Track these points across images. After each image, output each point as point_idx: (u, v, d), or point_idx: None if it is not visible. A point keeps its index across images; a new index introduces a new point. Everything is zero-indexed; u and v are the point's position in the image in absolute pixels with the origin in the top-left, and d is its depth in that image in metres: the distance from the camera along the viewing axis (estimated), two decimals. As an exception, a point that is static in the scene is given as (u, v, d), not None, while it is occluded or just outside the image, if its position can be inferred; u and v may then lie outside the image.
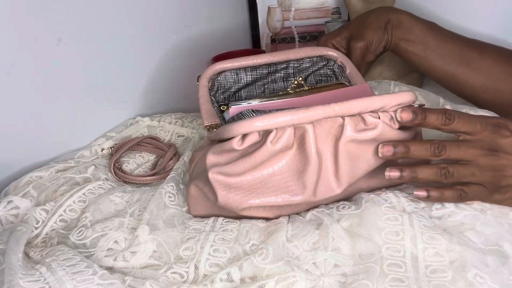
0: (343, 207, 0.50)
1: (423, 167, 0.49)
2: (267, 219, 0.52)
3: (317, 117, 0.48)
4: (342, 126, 0.49)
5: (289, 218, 0.51)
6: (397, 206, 0.49)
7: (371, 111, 0.49)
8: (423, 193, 0.49)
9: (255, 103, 0.58)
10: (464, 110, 0.63)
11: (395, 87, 0.77)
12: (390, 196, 0.51)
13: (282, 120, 0.48)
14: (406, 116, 0.49)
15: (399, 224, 0.46)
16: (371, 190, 0.53)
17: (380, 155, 0.49)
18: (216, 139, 0.52)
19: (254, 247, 0.47)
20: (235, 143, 0.49)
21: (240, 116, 0.54)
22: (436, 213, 0.48)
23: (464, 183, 0.48)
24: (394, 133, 0.50)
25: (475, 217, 0.47)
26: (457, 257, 0.43)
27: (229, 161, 0.50)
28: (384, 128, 0.49)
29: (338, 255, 0.45)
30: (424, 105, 0.51)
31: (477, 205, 0.49)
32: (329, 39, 0.72)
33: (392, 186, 0.54)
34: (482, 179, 0.48)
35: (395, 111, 0.50)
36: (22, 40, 0.61)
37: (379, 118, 0.49)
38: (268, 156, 0.49)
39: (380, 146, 0.49)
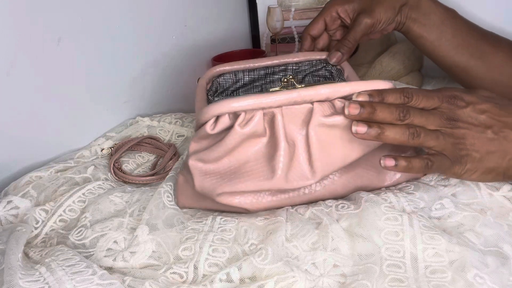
0: (342, 207, 0.50)
1: (391, 125, 0.48)
2: (247, 211, 0.53)
3: (282, 101, 0.49)
4: (311, 112, 0.49)
5: (287, 216, 0.51)
6: (397, 206, 0.49)
7: (342, 97, 0.50)
8: (391, 162, 0.48)
9: None
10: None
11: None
12: (390, 196, 0.51)
13: (247, 103, 0.49)
14: (363, 97, 0.49)
15: (398, 224, 0.46)
16: (358, 189, 0.53)
17: (346, 112, 0.48)
18: (198, 126, 0.53)
19: (253, 246, 0.47)
20: (208, 127, 0.50)
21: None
22: (435, 214, 0.48)
23: (430, 154, 0.48)
24: None
25: (474, 218, 0.47)
26: (457, 258, 0.43)
27: (207, 147, 0.51)
28: None
29: (338, 255, 0.45)
30: None
31: (476, 205, 0.49)
32: (336, 5, 0.67)
33: (376, 186, 0.54)
34: (445, 146, 0.48)
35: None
36: (22, 40, 0.61)
37: None
38: (238, 141, 0.50)
39: (346, 103, 0.48)
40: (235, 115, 0.50)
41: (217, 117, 0.50)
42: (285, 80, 0.60)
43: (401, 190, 0.52)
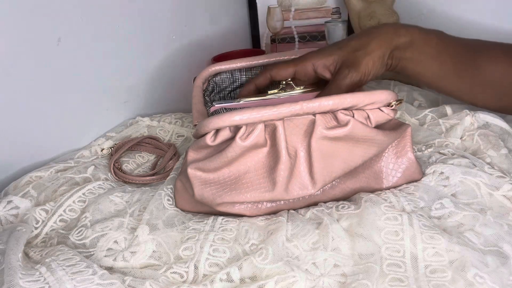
0: (343, 207, 0.50)
1: None
2: (248, 217, 0.53)
3: (285, 114, 0.48)
4: (313, 124, 0.49)
5: (288, 216, 0.51)
6: (397, 205, 0.49)
7: (344, 109, 0.49)
8: None
9: (242, 102, 0.58)
10: (464, 111, 0.63)
11: (395, 86, 0.77)
12: (390, 195, 0.51)
13: (248, 117, 0.48)
14: None
15: (398, 224, 0.46)
16: (357, 192, 0.53)
17: None
18: (197, 136, 0.53)
19: (253, 247, 0.47)
20: (208, 139, 0.50)
21: (214, 114, 0.56)
22: (435, 213, 0.48)
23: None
24: (367, 131, 0.50)
25: (474, 217, 0.47)
26: (457, 257, 0.43)
27: (206, 157, 0.51)
28: (357, 125, 0.49)
29: (338, 255, 0.45)
30: (402, 100, 0.51)
31: (476, 205, 0.49)
32: (312, 59, 0.58)
33: (374, 190, 0.53)
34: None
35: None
36: (22, 40, 0.61)
37: (353, 116, 0.49)
38: (238, 153, 0.49)
39: None
40: (236, 128, 0.49)
41: (218, 129, 0.50)
42: (284, 82, 0.60)
43: (401, 190, 0.52)
